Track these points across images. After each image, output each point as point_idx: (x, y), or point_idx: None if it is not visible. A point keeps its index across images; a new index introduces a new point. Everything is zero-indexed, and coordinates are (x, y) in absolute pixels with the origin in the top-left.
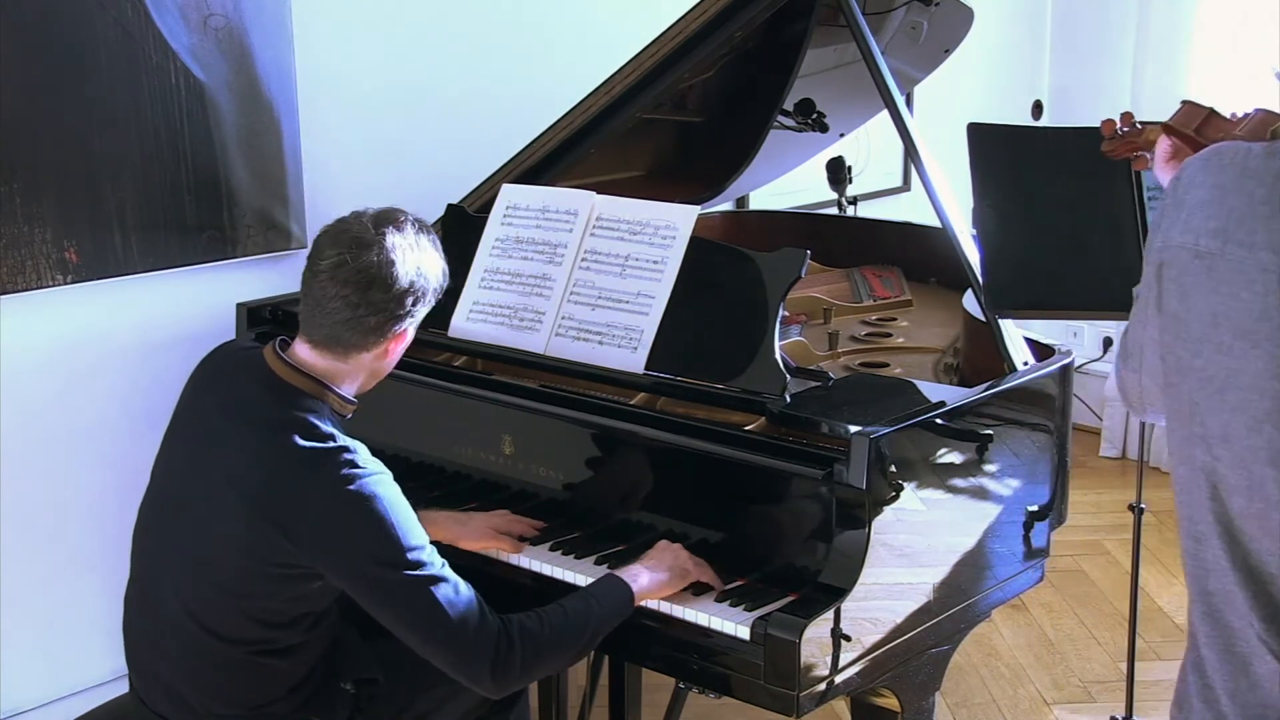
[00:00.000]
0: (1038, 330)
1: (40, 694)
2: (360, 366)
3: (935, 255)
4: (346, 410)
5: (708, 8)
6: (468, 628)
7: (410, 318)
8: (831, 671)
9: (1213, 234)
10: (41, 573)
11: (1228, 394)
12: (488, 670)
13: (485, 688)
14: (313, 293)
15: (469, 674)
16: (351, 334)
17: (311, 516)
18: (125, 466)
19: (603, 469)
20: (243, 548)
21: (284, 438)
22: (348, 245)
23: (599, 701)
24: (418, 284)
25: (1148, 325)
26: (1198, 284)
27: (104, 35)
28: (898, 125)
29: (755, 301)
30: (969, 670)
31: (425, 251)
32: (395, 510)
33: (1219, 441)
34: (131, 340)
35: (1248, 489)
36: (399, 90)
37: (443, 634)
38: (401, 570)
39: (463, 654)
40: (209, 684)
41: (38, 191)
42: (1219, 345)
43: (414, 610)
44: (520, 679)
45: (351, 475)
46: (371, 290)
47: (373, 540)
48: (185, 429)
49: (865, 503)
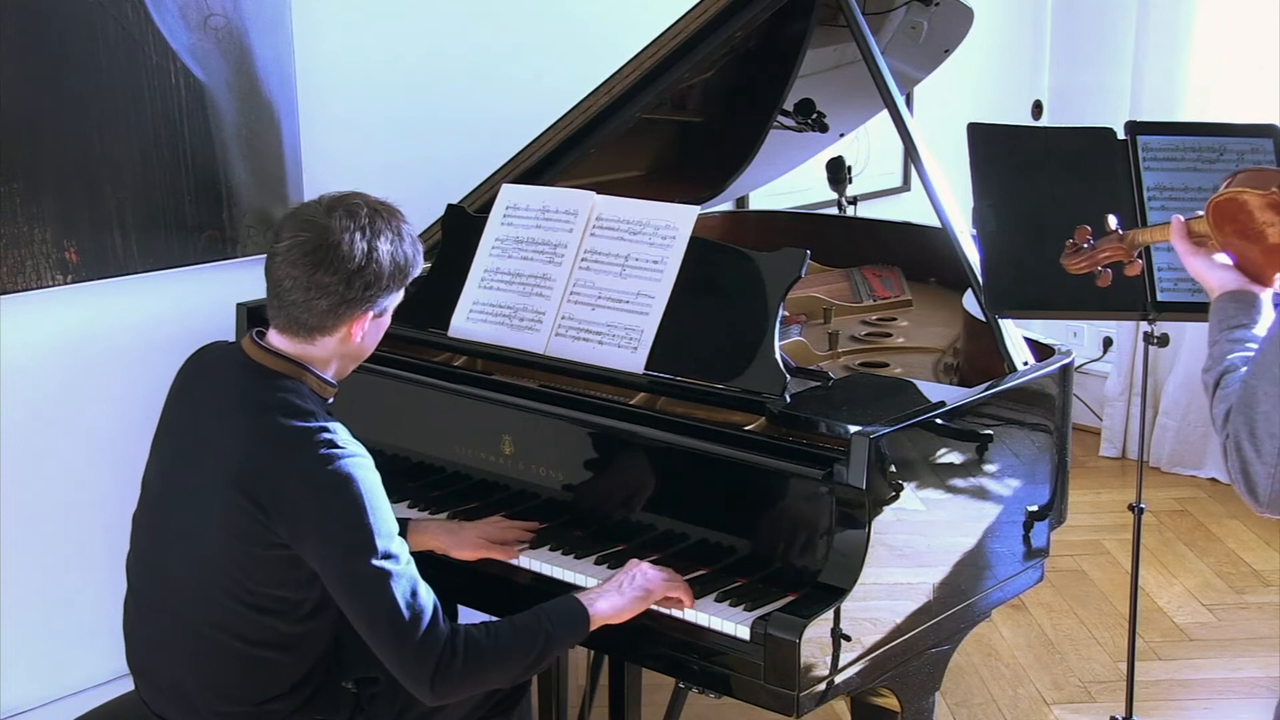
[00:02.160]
0: (1038, 330)
1: (40, 694)
2: (328, 350)
3: (935, 255)
4: (327, 393)
5: (708, 8)
6: (417, 630)
7: (367, 303)
8: (831, 671)
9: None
10: (41, 573)
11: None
12: (427, 676)
13: (422, 693)
14: (271, 276)
15: (409, 675)
16: (307, 316)
17: (289, 494)
18: (125, 466)
19: (603, 469)
20: (231, 531)
21: (266, 418)
22: (299, 227)
23: (599, 701)
24: (368, 269)
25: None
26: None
27: (104, 35)
28: (898, 125)
29: (755, 301)
30: (969, 670)
31: (380, 237)
32: (370, 497)
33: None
34: (131, 340)
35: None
36: (399, 90)
37: (392, 632)
38: (367, 559)
39: (406, 655)
40: (211, 681)
41: (38, 191)
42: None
43: (370, 602)
44: (459, 689)
45: (331, 456)
46: (319, 272)
47: (344, 526)
48: (172, 430)
49: (865, 503)
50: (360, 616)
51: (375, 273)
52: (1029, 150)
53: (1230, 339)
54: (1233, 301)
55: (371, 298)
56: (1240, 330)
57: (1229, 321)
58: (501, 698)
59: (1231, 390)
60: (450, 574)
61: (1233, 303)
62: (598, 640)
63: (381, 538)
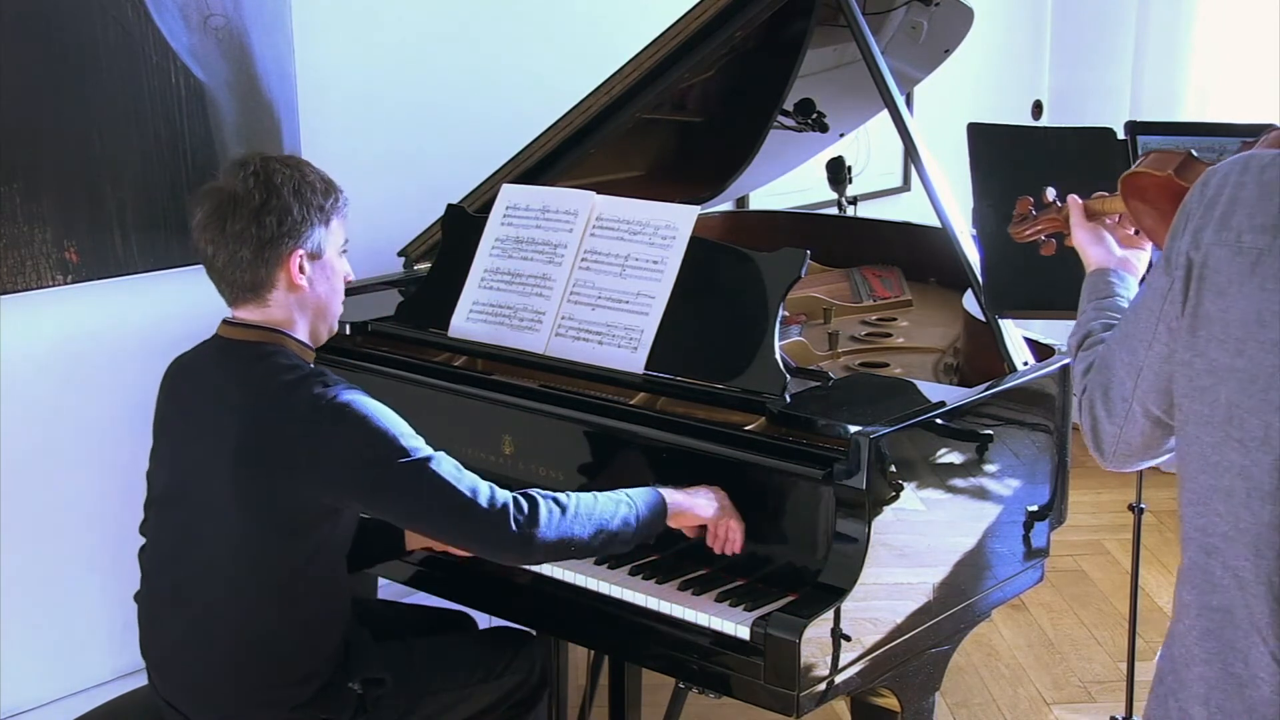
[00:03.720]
0: (1038, 330)
1: (40, 694)
2: (285, 306)
3: (935, 255)
4: (308, 356)
5: (708, 8)
6: (479, 495)
7: (287, 239)
8: (831, 671)
9: (1259, 229)
10: (41, 573)
11: (1271, 394)
12: (514, 536)
13: (514, 555)
14: (199, 255)
15: (495, 544)
16: (240, 273)
17: (298, 440)
18: (125, 466)
19: (603, 469)
20: (244, 503)
21: (256, 383)
22: (202, 198)
23: (599, 701)
24: (270, 202)
25: (1153, 345)
26: (1238, 281)
27: (104, 35)
28: (898, 125)
29: (755, 301)
30: (969, 670)
31: (275, 173)
32: (374, 410)
33: (1259, 444)
34: (131, 340)
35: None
36: (399, 90)
37: (458, 506)
38: (396, 460)
39: (484, 520)
40: (225, 669)
41: (38, 191)
42: (1264, 343)
43: (421, 494)
44: (549, 544)
45: (325, 393)
46: (228, 223)
47: (360, 441)
48: (168, 430)
49: (865, 503)
50: (423, 516)
51: (282, 206)
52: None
53: (1098, 308)
54: (1106, 276)
55: (289, 233)
56: (1108, 300)
57: (1100, 292)
58: (517, 700)
59: (1093, 352)
60: (450, 574)
61: (1105, 277)
62: (598, 641)
63: (404, 437)
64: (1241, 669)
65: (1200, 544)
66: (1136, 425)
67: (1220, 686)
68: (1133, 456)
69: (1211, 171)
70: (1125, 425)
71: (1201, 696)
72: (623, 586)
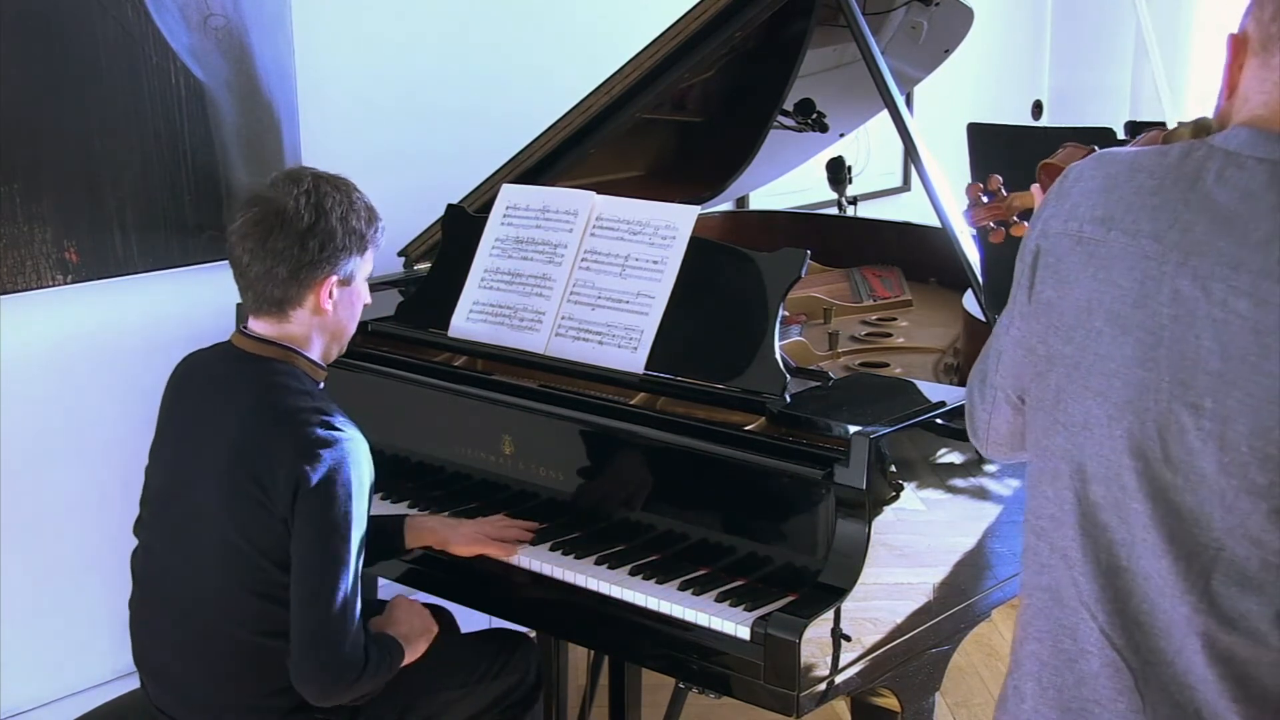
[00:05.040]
0: None
1: (40, 694)
2: (306, 325)
3: (935, 255)
4: (319, 376)
5: (708, 8)
6: (348, 628)
7: (326, 265)
8: (831, 671)
9: (1097, 221)
10: (41, 573)
11: (1092, 380)
12: (331, 680)
13: (311, 691)
14: (232, 258)
15: (313, 674)
16: (272, 288)
17: (282, 467)
18: (125, 466)
19: (603, 469)
20: (236, 512)
21: (262, 398)
22: (249, 204)
23: (599, 701)
24: (318, 227)
25: (1010, 329)
26: (1076, 270)
27: (104, 35)
28: (898, 125)
29: (755, 301)
30: (969, 670)
31: (327, 199)
32: (355, 488)
33: (1080, 429)
34: (131, 340)
35: (1105, 477)
36: (399, 90)
37: (327, 616)
38: (330, 541)
39: (321, 655)
40: (218, 674)
41: (38, 191)
42: (1090, 331)
43: (316, 588)
44: (340, 700)
45: (325, 438)
46: (271, 238)
47: (323, 512)
48: (171, 431)
49: (865, 503)
50: (302, 600)
51: (327, 231)
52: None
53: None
54: None
55: (328, 259)
56: None
57: None
58: (513, 701)
59: None
60: (449, 573)
61: None
62: (598, 640)
63: (356, 527)
64: (1070, 644)
65: (1031, 526)
66: (1001, 412)
67: (1050, 663)
68: (1003, 445)
69: (1074, 165)
70: (993, 412)
71: (1034, 674)
72: (623, 586)
